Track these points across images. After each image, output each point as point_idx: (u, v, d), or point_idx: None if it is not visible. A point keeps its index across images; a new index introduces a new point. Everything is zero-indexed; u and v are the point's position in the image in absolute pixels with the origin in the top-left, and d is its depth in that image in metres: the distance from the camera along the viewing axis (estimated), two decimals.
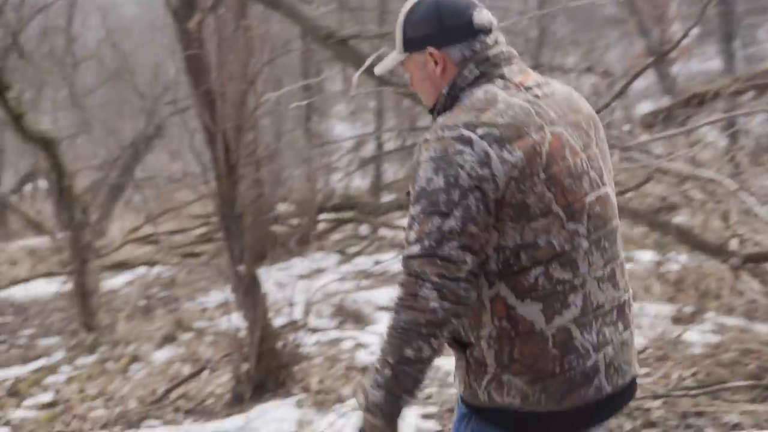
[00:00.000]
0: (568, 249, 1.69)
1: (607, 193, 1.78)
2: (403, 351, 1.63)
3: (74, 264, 7.30)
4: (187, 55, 4.12)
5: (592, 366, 1.72)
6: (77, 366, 5.92)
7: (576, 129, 1.75)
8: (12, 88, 7.60)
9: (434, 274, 1.61)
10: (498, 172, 1.63)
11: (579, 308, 1.71)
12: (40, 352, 6.91)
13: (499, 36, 1.81)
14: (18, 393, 5.23)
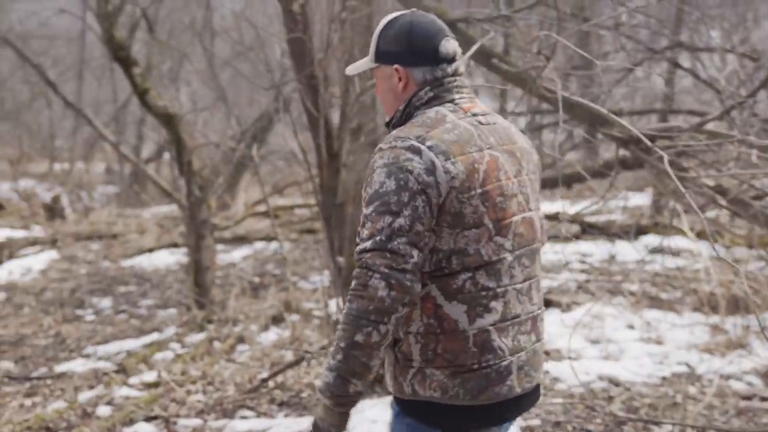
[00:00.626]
0: (494, 260, 1.91)
1: (531, 217, 1.99)
2: (353, 336, 1.82)
3: (190, 239, 7.42)
4: (290, 38, 3.97)
5: (507, 367, 1.93)
6: (186, 344, 5.98)
7: (510, 156, 1.97)
8: (138, 65, 7.78)
9: (383, 265, 1.81)
10: (441, 180, 1.84)
11: (499, 314, 1.92)
12: (155, 325, 7.07)
13: (459, 67, 2.03)
14: (126, 370, 5.31)
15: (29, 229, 12.71)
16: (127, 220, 14.16)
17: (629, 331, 5.31)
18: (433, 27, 2.01)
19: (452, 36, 2.01)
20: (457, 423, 1.95)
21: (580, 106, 3.39)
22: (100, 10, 7.66)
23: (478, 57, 3.54)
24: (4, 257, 10.06)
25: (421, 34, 1.99)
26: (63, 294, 8.42)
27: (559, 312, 5.88)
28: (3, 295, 8.52)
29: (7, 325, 7.32)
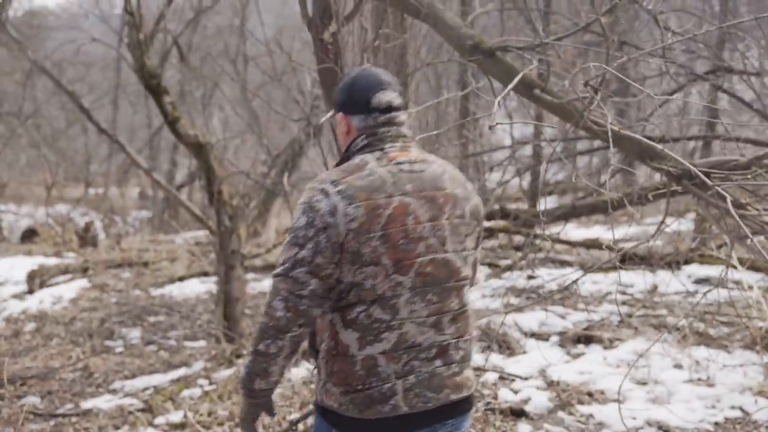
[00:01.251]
0: (389, 295, 2.12)
1: (447, 258, 2.18)
2: (258, 344, 2.16)
3: (220, 270, 7.29)
4: (321, 67, 3.81)
5: (390, 388, 2.15)
6: (214, 380, 5.82)
7: (429, 202, 2.16)
8: (169, 93, 7.71)
9: (285, 290, 2.11)
10: (340, 222, 2.08)
11: (391, 344, 2.15)
12: (184, 358, 6.93)
13: (397, 116, 2.23)
14: (152, 408, 5.16)
15: (62, 256, 12.71)
16: (159, 246, 14.13)
17: (677, 372, 5.03)
18: (373, 80, 2.23)
19: (394, 89, 2.23)
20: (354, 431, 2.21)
21: (630, 139, 3.19)
22: (131, 39, 7.62)
23: (518, 88, 3.36)
24: (36, 286, 10.02)
25: (359, 87, 2.24)
26: (93, 324, 8.33)
27: (601, 349, 5.63)
28: (33, 325, 8.45)
29: (36, 356, 7.24)
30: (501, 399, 4.80)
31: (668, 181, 3.32)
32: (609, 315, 6.56)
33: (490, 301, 7.46)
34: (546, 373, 5.25)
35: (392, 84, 2.24)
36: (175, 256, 12.15)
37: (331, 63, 3.76)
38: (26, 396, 6.00)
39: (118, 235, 15.45)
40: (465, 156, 9.04)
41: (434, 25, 3.65)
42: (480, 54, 3.47)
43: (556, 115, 3.42)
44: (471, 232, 2.25)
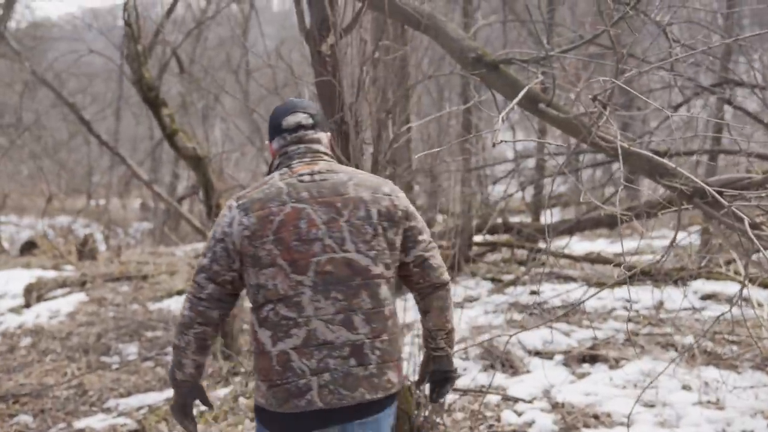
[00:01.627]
0: (291, 294, 2.32)
1: (345, 257, 2.33)
2: (174, 339, 2.46)
3: None
4: (318, 80, 3.69)
5: (306, 384, 2.31)
6: (210, 398, 5.67)
7: (325, 206, 2.35)
8: (167, 106, 7.61)
9: (190, 293, 2.43)
10: (236, 231, 2.36)
11: (301, 339, 2.32)
12: None
13: (306, 135, 2.49)
14: (145, 429, 5.02)
15: (60, 269, 12.59)
16: (159, 259, 14.00)
17: (686, 393, 4.88)
18: (287, 106, 2.54)
19: (306, 111, 2.51)
20: (278, 426, 2.38)
21: (639, 156, 3.06)
22: (129, 51, 7.53)
23: (522, 102, 3.23)
24: (33, 299, 9.89)
25: (275, 114, 2.55)
26: (89, 339, 8.19)
27: (606, 369, 5.48)
28: (29, 340, 8.32)
29: (31, 373, 7.10)
30: (504, 422, 4.66)
31: (679, 199, 3.19)
32: (615, 333, 6.41)
33: (493, 317, 7.31)
34: (550, 394, 5.10)
35: (305, 107, 2.52)
36: (174, 269, 12.02)
37: (329, 76, 3.64)
38: (19, 414, 5.86)
39: (117, 248, 15.34)
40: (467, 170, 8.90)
41: (435, 37, 3.53)
42: (483, 67, 3.36)
43: (562, 130, 3.30)
44: (381, 233, 2.38)
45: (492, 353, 5.99)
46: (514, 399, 4.99)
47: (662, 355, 5.72)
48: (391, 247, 2.40)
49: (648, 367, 5.30)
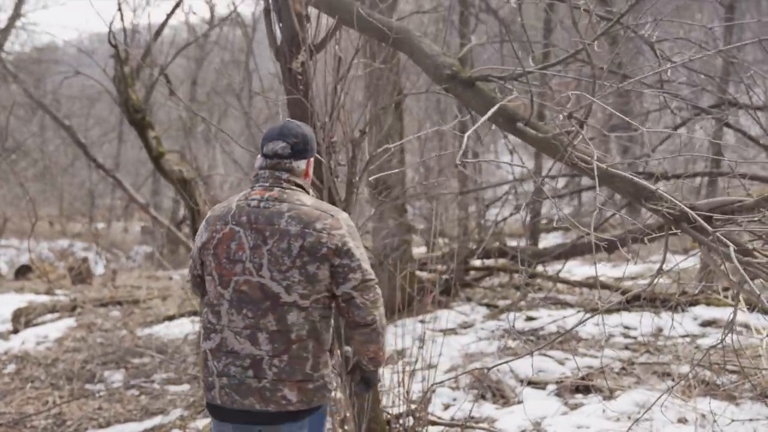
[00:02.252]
0: (215, 303, 2.70)
1: (260, 282, 2.62)
2: None
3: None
4: (290, 99, 3.54)
5: (211, 382, 2.71)
6: (189, 429, 5.48)
7: (256, 233, 2.63)
8: (153, 128, 7.49)
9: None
10: (198, 239, 2.82)
11: (216, 344, 2.70)
12: (163, 404, 6.60)
13: (278, 163, 2.73)
14: None
15: (53, 293, 12.42)
16: (155, 283, 13.83)
17: (682, 427, 4.67)
18: (273, 132, 2.79)
19: (286, 140, 2.73)
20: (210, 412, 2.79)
21: (622, 178, 2.88)
22: (116, 72, 7.43)
23: (499, 121, 3.07)
24: (21, 325, 9.71)
25: (264, 136, 2.81)
26: (75, 366, 8.00)
27: (600, 399, 5.26)
28: (14, 367, 8.13)
29: (12, 401, 6.91)
30: None
31: (666, 224, 3.02)
32: (611, 361, 6.20)
33: (487, 344, 7.10)
34: (541, 426, 4.89)
35: (287, 136, 2.73)
36: (167, 293, 11.84)
37: (299, 94, 3.49)
38: None
39: (113, 272, 15.16)
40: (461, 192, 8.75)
41: (410, 53, 3.38)
42: (458, 84, 3.19)
43: (541, 150, 3.13)
44: (300, 266, 2.59)
45: (482, 382, 5.78)
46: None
47: (659, 385, 5.51)
48: (310, 280, 2.59)
49: (643, 398, 5.09)
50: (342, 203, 3.63)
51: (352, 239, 2.64)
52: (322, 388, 2.70)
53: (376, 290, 2.65)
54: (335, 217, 2.65)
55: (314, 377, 2.66)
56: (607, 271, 10.85)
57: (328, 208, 2.70)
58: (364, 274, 2.62)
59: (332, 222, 2.63)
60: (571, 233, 13.16)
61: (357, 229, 2.75)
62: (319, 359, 2.68)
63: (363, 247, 2.70)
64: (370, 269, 2.65)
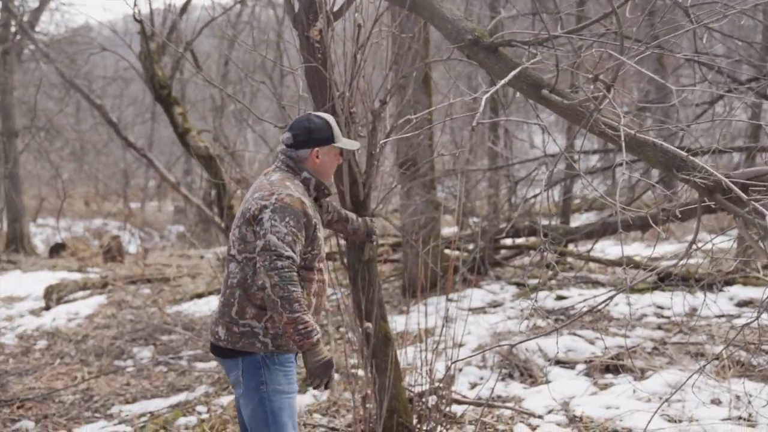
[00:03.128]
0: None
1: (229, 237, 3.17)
2: None
3: None
4: (308, 68, 3.44)
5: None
6: (214, 406, 5.45)
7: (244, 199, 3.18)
8: (179, 104, 7.44)
9: None
10: None
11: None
12: (190, 380, 6.60)
13: (284, 149, 3.19)
14: None
15: (85, 271, 12.53)
16: (185, 262, 13.89)
17: (715, 408, 4.52)
18: (290, 123, 3.23)
19: (291, 132, 3.14)
20: None
21: (652, 145, 2.74)
22: (142, 48, 7.38)
23: (524, 88, 2.93)
24: (52, 302, 9.80)
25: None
26: (104, 342, 8.05)
27: (631, 380, 5.12)
28: (44, 343, 8.21)
29: (41, 376, 6.96)
30: None
31: (699, 195, 2.87)
32: (642, 341, 6.05)
33: (515, 323, 6.98)
34: (569, 406, 4.78)
35: (294, 127, 3.14)
36: (197, 272, 11.87)
37: (317, 63, 3.38)
38: (21, 420, 5.70)
39: (144, 250, 15.27)
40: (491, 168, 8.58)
41: (430, 18, 3.25)
42: (481, 50, 3.06)
43: (566, 118, 2.99)
44: (238, 226, 3.04)
45: (510, 361, 5.67)
46: (526, 413, 4.68)
47: (692, 366, 5.36)
48: (241, 239, 3.02)
49: (675, 379, 4.94)
50: (362, 175, 3.53)
51: (272, 212, 2.90)
52: (249, 335, 2.99)
53: (273, 259, 2.82)
54: (270, 193, 2.97)
55: (239, 323, 3.00)
56: (641, 250, 10.63)
57: (277, 186, 3.00)
58: (266, 242, 2.85)
59: (265, 195, 2.97)
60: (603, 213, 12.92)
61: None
62: (245, 308, 2.99)
63: (285, 226, 2.88)
64: (277, 242, 2.85)
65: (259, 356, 2.99)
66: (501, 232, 8.61)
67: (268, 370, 2.99)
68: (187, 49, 7.93)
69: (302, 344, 2.85)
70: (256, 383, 2.99)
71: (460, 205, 5.99)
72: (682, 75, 8.50)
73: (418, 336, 4.72)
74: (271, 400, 2.99)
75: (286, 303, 2.80)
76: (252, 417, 3.03)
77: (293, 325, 2.82)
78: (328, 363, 2.93)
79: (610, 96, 2.59)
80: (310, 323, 2.85)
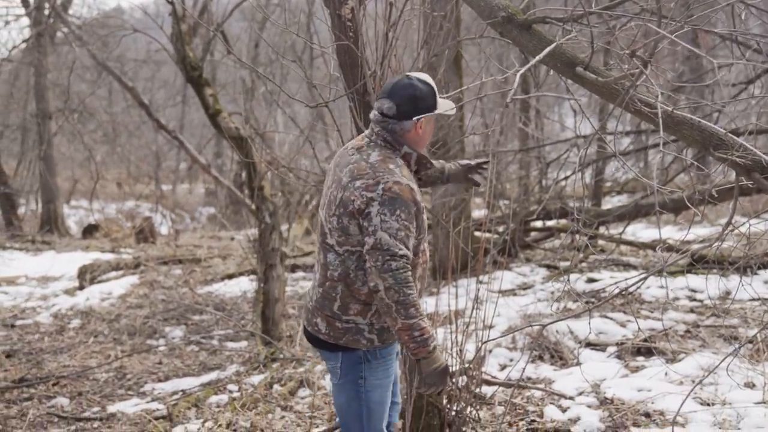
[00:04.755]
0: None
1: (321, 218, 2.87)
2: None
3: (260, 269, 6.99)
4: (339, 47, 3.42)
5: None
6: (245, 385, 5.50)
7: (333, 175, 2.86)
8: (210, 85, 7.46)
9: None
10: None
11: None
12: (221, 360, 6.67)
13: (374, 116, 2.85)
14: (171, 417, 4.86)
15: (118, 252, 12.69)
16: (216, 243, 14.01)
17: (748, 392, 4.46)
18: (386, 87, 2.84)
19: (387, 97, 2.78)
20: None
21: (689, 123, 2.69)
22: (173, 30, 7.41)
23: (558, 66, 2.90)
24: (86, 281, 9.94)
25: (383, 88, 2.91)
26: (137, 321, 8.15)
27: (663, 363, 5.08)
28: (78, 322, 8.34)
29: (76, 354, 7.08)
30: (547, 417, 4.33)
31: (736, 174, 2.82)
32: (675, 324, 5.99)
33: (546, 306, 6.94)
34: (600, 388, 4.75)
35: (392, 93, 2.77)
36: (228, 253, 11.96)
37: (349, 42, 3.37)
38: (56, 397, 5.81)
39: (176, 231, 15.42)
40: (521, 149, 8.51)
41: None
42: (514, 27, 3.02)
43: (601, 96, 2.94)
44: (337, 214, 2.71)
45: (540, 343, 5.65)
46: (557, 394, 4.66)
47: (725, 349, 5.29)
48: (343, 230, 2.70)
49: (708, 362, 4.88)
50: None
51: (381, 205, 2.60)
52: (353, 332, 2.79)
53: (386, 260, 2.57)
54: (375, 181, 2.63)
55: (342, 318, 2.79)
56: (673, 233, 10.50)
57: (382, 170, 2.65)
58: (377, 240, 2.59)
59: (370, 185, 2.63)
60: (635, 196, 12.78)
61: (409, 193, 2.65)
62: (348, 304, 2.77)
63: (396, 220, 2.60)
64: (390, 240, 2.58)
65: (361, 352, 2.82)
66: (531, 214, 8.56)
67: (369, 365, 2.84)
68: (218, 30, 7.94)
69: (417, 352, 2.64)
70: (354, 377, 2.85)
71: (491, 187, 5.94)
72: (717, 55, 8.35)
73: (448, 317, 4.72)
74: (368, 396, 2.85)
75: (401, 308, 2.57)
76: (346, 408, 2.91)
77: (408, 332, 2.60)
78: (444, 370, 2.72)
79: (647, 72, 2.55)
80: (427, 329, 2.63)
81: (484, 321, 4.33)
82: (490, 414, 4.45)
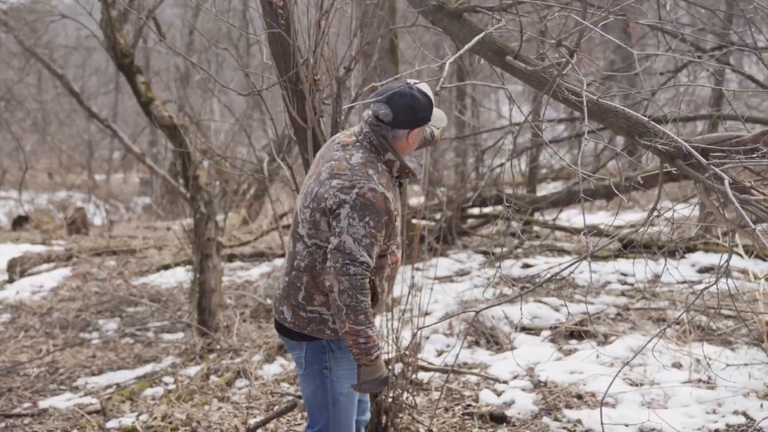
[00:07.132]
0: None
1: (296, 211, 2.90)
2: None
3: (195, 259, 6.90)
4: (271, 35, 3.39)
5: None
6: (180, 377, 5.44)
7: (315, 166, 2.89)
8: (142, 73, 7.31)
9: None
10: None
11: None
12: (157, 352, 6.57)
13: (372, 121, 2.79)
14: (105, 411, 4.78)
15: (49, 243, 12.36)
16: (152, 233, 13.77)
17: (675, 372, 4.62)
18: (386, 92, 2.76)
19: (387, 104, 2.71)
20: None
21: (614, 111, 2.76)
22: (103, 16, 7.23)
23: (488, 55, 2.93)
24: (16, 274, 9.67)
25: (382, 89, 2.82)
26: (69, 315, 7.97)
27: (594, 345, 5.21)
28: (8, 316, 8.10)
29: (6, 349, 6.88)
30: (482, 401, 4.41)
31: (660, 161, 2.90)
32: (606, 307, 6.14)
33: (482, 292, 7.04)
34: (534, 372, 4.85)
35: (391, 100, 2.70)
36: (163, 243, 11.77)
37: (281, 30, 3.34)
38: None
39: (110, 222, 15.10)
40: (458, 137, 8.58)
41: None
42: (445, 16, 3.05)
43: (531, 85, 2.99)
44: (311, 208, 2.73)
45: (476, 328, 5.73)
46: (492, 379, 4.74)
47: (654, 331, 5.46)
48: (313, 224, 2.74)
49: (638, 344, 5.04)
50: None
51: (351, 209, 2.60)
52: (317, 322, 2.81)
53: (346, 263, 2.58)
54: (351, 184, 2.62)
55: (306, 308, 2.81)
56: (605, 219, 10.74)
57: (360, 174, 2.64)
58: (341, 243, 2.59)
59: (345, 187, 2.63)
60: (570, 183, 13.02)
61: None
62: (313, 295, 2.79)
63: (364, 226, 2.60)
64: (353, 245, 2.58)
65: (325, 341, 2.85)
66: (468, 201, 8.65)
67: (333, 355, 2.86)
68: (149, 17, 7.77)
69: (359, 358, 2.67)
70: (319, 367, 2.87)
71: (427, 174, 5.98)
72: (647, 44, 8.54)
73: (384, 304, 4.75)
74: (334, 385, 2.88)
75: (351, 312, 2.59)
76: (312, 399, 2.94)
77: (354, 337, 2.62)
78: (383, 381, 2.75)
79: (573, 61, 2.60)
80: (373, 338, 2.65)
81: (420, 307, 4.37)
82: (426, 400, 4.50)
